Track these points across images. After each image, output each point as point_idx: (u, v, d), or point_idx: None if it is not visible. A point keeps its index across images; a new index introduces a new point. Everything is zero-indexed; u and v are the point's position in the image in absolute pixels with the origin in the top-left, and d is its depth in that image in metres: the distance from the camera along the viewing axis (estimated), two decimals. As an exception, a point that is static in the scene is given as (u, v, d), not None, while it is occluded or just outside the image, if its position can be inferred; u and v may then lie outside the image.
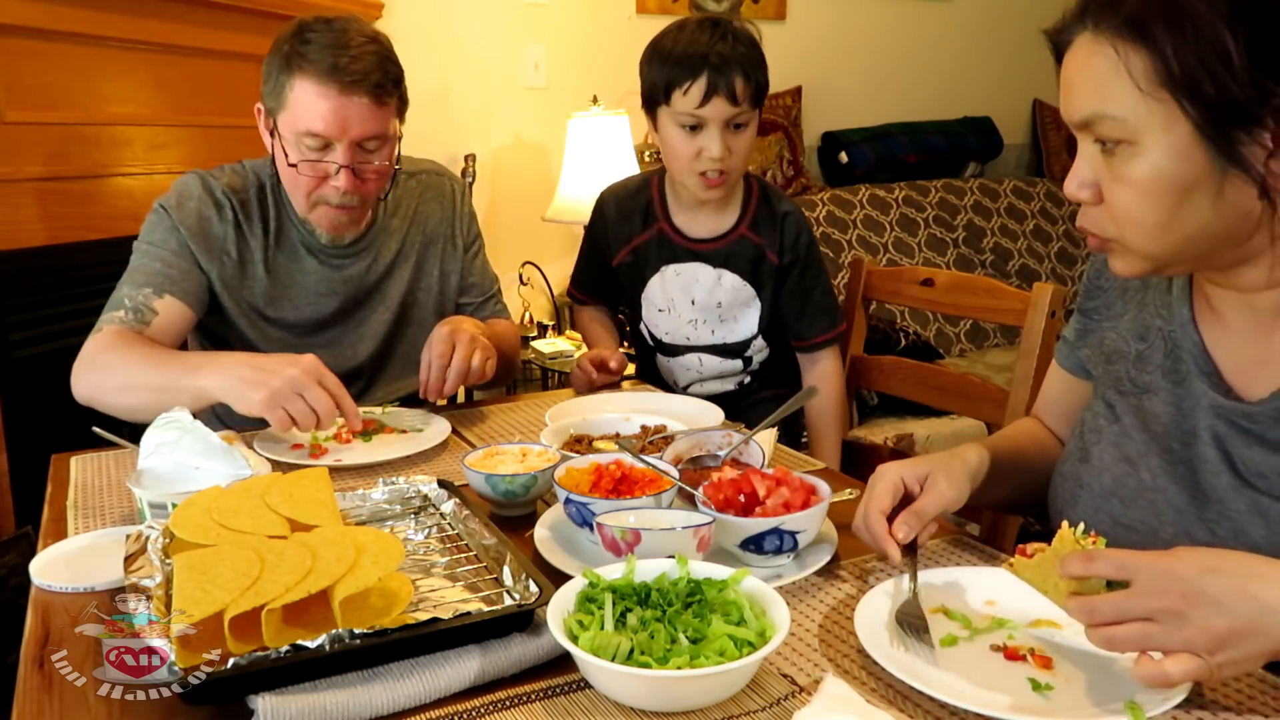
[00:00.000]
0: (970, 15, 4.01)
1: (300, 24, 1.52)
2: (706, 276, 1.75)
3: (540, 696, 0.81)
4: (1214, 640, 0.74)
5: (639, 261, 1.80)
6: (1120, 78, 0.83)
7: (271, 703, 0.76)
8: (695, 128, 1.62)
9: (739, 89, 1.59)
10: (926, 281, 1.77)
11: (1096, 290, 1.09)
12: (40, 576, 1.01)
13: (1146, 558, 0.78)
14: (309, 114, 1.48)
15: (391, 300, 1.71)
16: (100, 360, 1.45)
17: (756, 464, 1.20)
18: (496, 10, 3.17)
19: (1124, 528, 0.98)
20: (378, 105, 1.50)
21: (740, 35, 1.64)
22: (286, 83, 1.49)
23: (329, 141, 1.50)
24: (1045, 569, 0.85)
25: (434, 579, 0.99)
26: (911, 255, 3.51)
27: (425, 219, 1.75)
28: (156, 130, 2.24)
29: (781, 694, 0.82)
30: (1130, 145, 0.85)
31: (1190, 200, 0.84)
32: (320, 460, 1.35)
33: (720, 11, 3.53)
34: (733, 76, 1.58)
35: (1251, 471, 0.90)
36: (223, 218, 1.59)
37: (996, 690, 0.81)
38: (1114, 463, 1.00)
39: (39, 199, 1.96)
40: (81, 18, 1.99)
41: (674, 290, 1.77)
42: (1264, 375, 0.91)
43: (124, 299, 1.52)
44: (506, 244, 3.17)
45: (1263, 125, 0.81)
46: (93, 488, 1.28)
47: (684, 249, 1.76)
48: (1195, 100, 0.81)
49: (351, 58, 1.47)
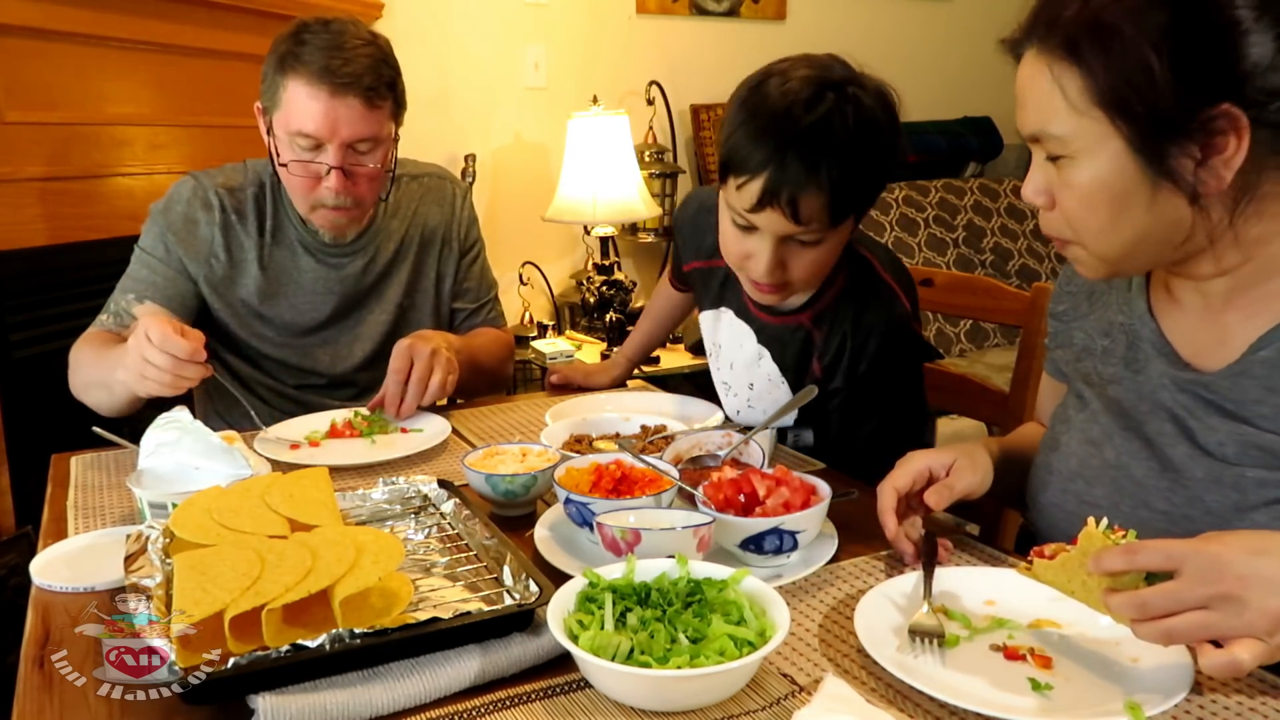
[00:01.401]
0: (970, 15, 4.01)
1: (299, 25, 1.53)
2: (748, 349, 1.44)
3: (540, 696, 0.81)
4: (1274, 621, 0.74)
5: (704, 281, 1.53)
6: (1057, 97, 0.89)
7: (271, 703, 0.76)
8: (747, 229, 1.26)
9: (804, 207, 1.19)
10: (926, 281, 1.77)
11: (1065, 295, 1.15)
12: (40, 576, 1.01)
13: (1191, 545, 0.78)
14: (300, 114, 1.49)
15: (389, 301, 1.72)
16: (74, 360, 1.54)
17: (756, 464, 1.20)
18: (496, 10, 3.17)
19: (1089, 505, 1.01)
20: (369, 108, 1.50)
21: (846, 126, 1.18)
22: (280, 82, 1.50)
23: (320, 142, 1.50)
24: (1071, 569, 0.84)
25: (434, 579, 0.99)
26: (911, 255, 3.51)
27: (424, 220, 1.75)
28: (156, 130, 2.24)
29: (781, 694, 0.82)
30: (1070, 159, 0.90)
31: (1127, 209, 0.89)
32: (319, 456, 1.35)
33: (720, 11, 3.53)
34: (802, 187, 1.18)
35: (1210, 440, 0.94)
36: (210, 219, 1.61)
37: (996, 690, 0.82)
38: (1079, 446, 1.05)
39: (39, 199, 1.96)
40: (81, 18, 1.99)
41: (722, 337, 1.51)
42: (1219, 352, 0.95)
43: (111, 303, 1.59)
44: (506, 244, 3.17)
45: (1190, 138, 0.85)
46: (93, 488, 1.28)
47: (741, 303, 1.45)
48: (1125, 117, 0.86)
49: (345, 59, 1.48)
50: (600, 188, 2.91)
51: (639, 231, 3.36)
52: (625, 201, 2.94)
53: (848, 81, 1.21)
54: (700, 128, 3.50)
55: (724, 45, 3.57)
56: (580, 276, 3.24)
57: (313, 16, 1.55)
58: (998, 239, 3.74)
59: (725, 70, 3.54)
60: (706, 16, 3.53)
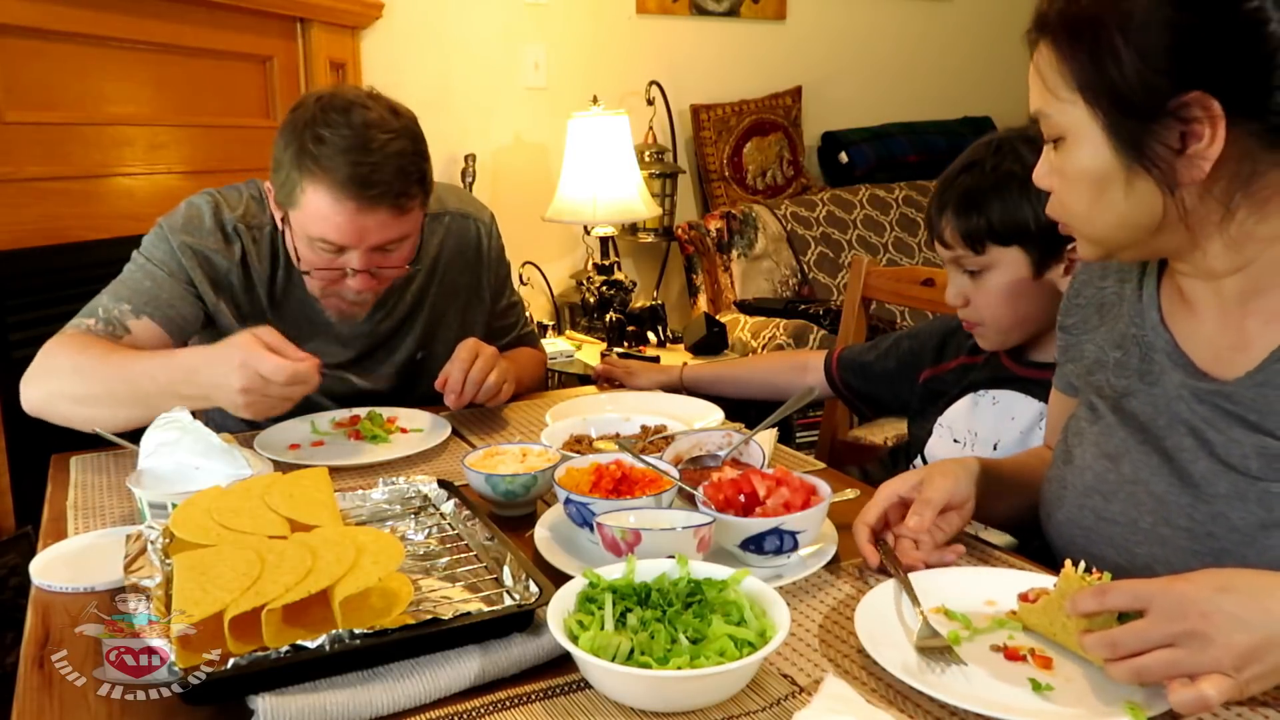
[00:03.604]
0: (970, 15, 4.01)
1: (316, 111, 1.38)
2: (1025, 416, 1.38)
3: (540, 696, 0.81)
4: (1239, 656, 0.74)
5: (940, 383, 1.53)
6: (1049, 80, 0.92)
7: (271, 703, 0.76)
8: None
9: (948, 229, 1.35)
10: (927, 281, 1.77)
11: (1074, 307, 1.13)
12: (40, 576, 1.01)
13: (1158, 584, 0.78)
14: (323, 224, 1.37)
15: (399, 355, 1.65)
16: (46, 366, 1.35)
17: (756, 464, 1.20)
18: (496, 10, 3.17)
19: (1106, 521, 1.00)
20: (400, 214, 1.40)
21: (995, 160, 1.33)
22: (299, 183, 1.37)
23: (344, 248, 1.40)
24: (1051, 613, 0.86)
25: (434, 579, 0.99)
26: (911, 255, 3.51)
27: (445, 270, 1.65)
28: (156, 130, 2.24)
29: (781, 694, 0.82)
30: (1062, 141, 0.93)
31: (1105, 193, 0.91)
32: (319, 456, 1.35)
33: (720, 11, 3.53)
34: (945, 214, 1.35)
35: (1232, 453, 0.92)
36: (230, 253, 1.49)
37: (996, 690, 0.81)
38: (1095, 460, 1.02)
39: (39, 199, 1.96)
40: (81, 18, 1.99)
41: (982, 422, 1.43)
42: (1238, 359, 0.94)
43: (99, 308, 1.43)
44: (507, 244, 3.13)
45: (1165, 126, 0.86)
46: (93, 488, 1.28)
47: (998, 367, 1.43)
48: (1098, 102, 0.88)
49: (372, 166, 1.34)
50: (600, 188, 2.91)
51: (639, 231, 3.36)
52: (625, 201, 2.94)
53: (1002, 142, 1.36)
54: (700, 128, 3.50)
55: (724, 45, 3.57)
56: (580, 276, 3.24)
57: (329, 93, 1.41)
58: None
59: (725, 70, 3.60)
60: (706, 16, 3.53)
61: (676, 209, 3.39)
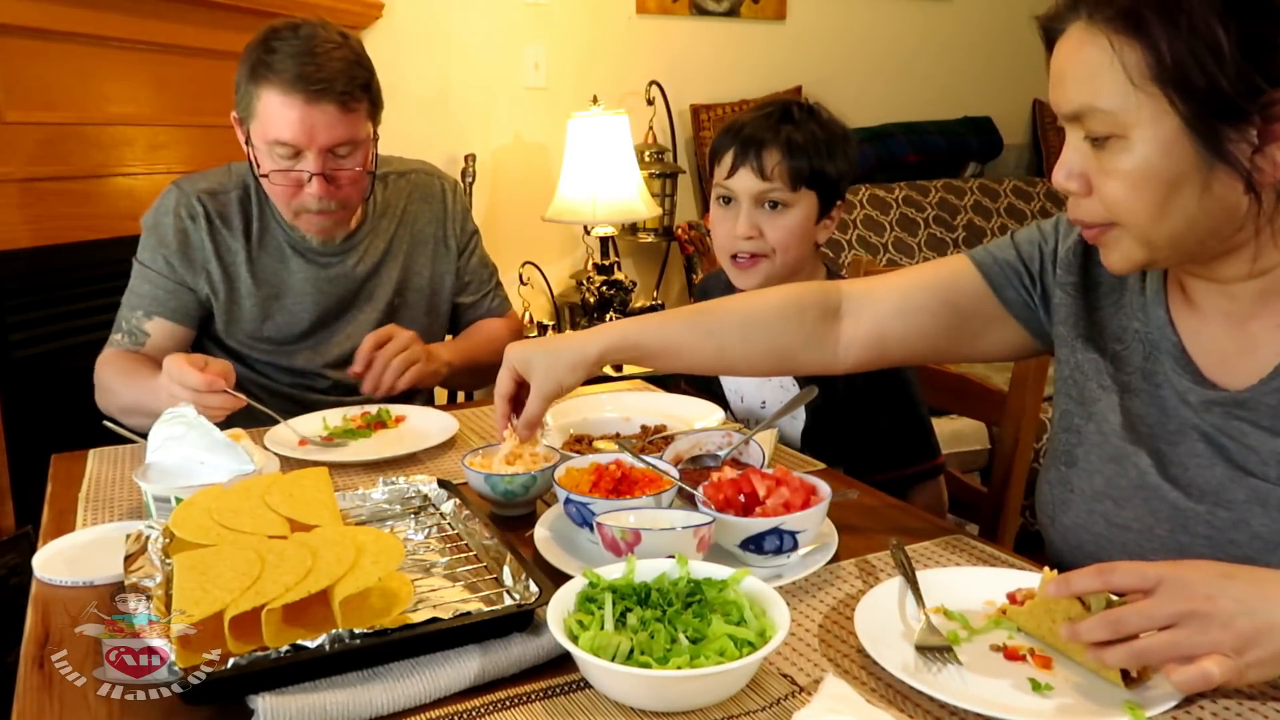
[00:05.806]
0: (970, 15, 4.01)
1: (268, 32, 1.51)
2: None
3: (540, 696, 0.81)
4: (1240, 639, 0.74)
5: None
6: (1113, 70, 0.84)
7: (271, 703, 0.76)
8: (727, 200, 1.52)
9: (767, 160, 1.45)
10: (926, 281, 1.76)
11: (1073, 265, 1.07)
12: (43, 571, 1.01)
13: (1164, 566, 0.78)
14: (276, 123, 1.49)
15: (378, 300, 1.72)
16: (101, 384, 1.55)
17: (756, 464, 1.20)
18: (496, 10, 3.17)
19: (1119, 528, 0.98)
20: (345, 111, 1.50)
21: (803, 110, 1.49)
22: (254, 93, 1.50)
23: (299, 149, 1.51)
24: (1039, 615, 0.86)
25: (434, 579, 0.99)
26: (911, 255, 3.51)
27: (414, 219, 1.76)
28: (156, 130, 2.24)
29: (781, 694, 0.82)
30: (1119, 139, 0.86)
31: (1178, 194, 0.85)
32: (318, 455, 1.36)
33: (720, 11, 3.53)
34: (764, 144, 1.45)
35: (1250, 460, 0.91)
36: (198, 228, 1.61)
37: (996, 690, 0.81)
38: (1102, 464, 1.00)
39: (39, 199, 1.96)
40: (81, 18, 1.99)
41: None
42: (1246, 364, 0.92)
43: (121, 321, 1.61)
44: (506, 244, 3.16)
45: (1249, 121, 0.82)
46: (105, 481, 1.30)
47: None
48: (1185, 94, 0.82)
49: (317, 65, 1.47)
50: (600, 188, 2.91)
51: (639, 231, 3.36)
52: (625, 201, 2.94)
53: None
54: (700, 128, 3.50)
55: (724, 45, 3.57)
56: (580, 276, 3.24)
57: (282, 21, 1.54)
58: (998, 239, 3.74)
59: (725, 70, 3.59)
60: (706, 16, 3.53)
61: (676, 209, 3.39)
